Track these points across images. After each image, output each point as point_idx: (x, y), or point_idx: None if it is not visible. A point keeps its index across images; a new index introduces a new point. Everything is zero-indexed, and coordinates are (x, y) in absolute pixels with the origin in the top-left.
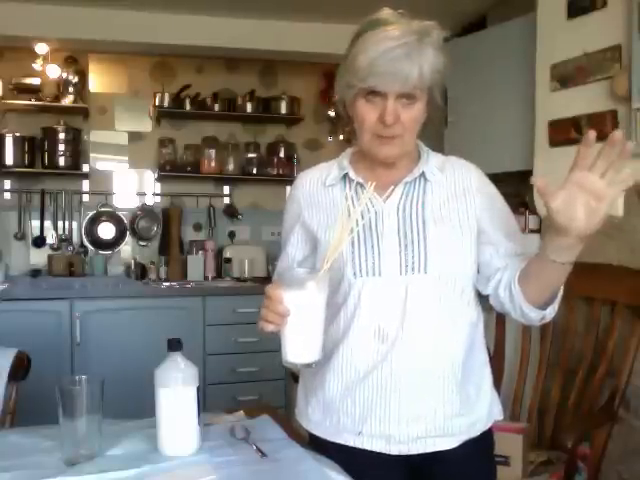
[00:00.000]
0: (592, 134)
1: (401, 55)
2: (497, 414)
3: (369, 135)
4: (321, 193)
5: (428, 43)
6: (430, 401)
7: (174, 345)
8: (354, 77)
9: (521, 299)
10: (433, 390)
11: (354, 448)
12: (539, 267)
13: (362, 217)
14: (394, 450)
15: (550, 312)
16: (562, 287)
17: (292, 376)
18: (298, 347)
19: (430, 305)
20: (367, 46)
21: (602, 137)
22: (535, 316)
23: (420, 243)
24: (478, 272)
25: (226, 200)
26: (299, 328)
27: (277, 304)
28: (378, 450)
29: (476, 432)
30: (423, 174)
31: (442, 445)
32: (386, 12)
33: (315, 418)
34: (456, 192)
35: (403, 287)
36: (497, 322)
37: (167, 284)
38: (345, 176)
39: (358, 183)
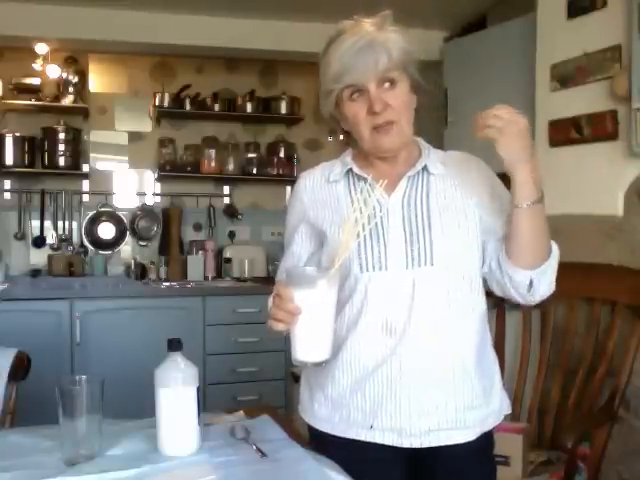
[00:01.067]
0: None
1: (364, 45)
2: (506, 408)
3: (366, 131)
4: (325, 190)
5: (387, 29)
6: (441, 394)
7: (174, 345)
8: (330, 84)
9: (506, 262)
10: (444, 383)
11: (364, 442)
12: (512, 221)
13: (375, 215)
14: (406, 443)
15: (538, 277)
16: (554, 256)
17: (292, 376)
18: (308, 346)
19: (438, 297)
20: (332, 53)
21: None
22: (521, 279)
23: (425, 236)
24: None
25: (226, 200)
26: (310, 327)
27: (287, 302)
28: (390, 443)
29: (489, 426)
30: (426, 167)
31: (457, 438)
32: (344, 23)
33: (321, 414)
34: (459, 184)
35: (410, 280)
36: (497, 322)
37: (167, 284)
38: (349, 172)
39: (363, 179)
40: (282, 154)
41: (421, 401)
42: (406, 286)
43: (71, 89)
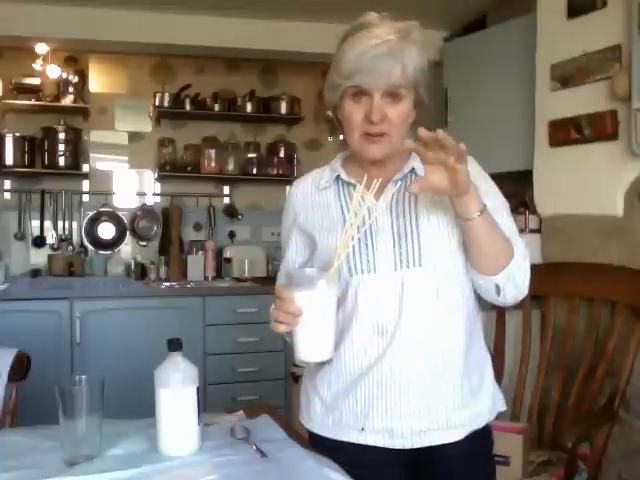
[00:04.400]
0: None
1: (383, 52)
2: (500, 405)
3: (357, 134)
4: (315, 196)
5: (410, 41)
6: (431, 394)
7: (174, 345)
8: (339, 77)
9: (470, 271)
10: (433, 383)
11: (357, 445)
12: (468, 234)
13: (364, 221)
14: (398, 445)
15: (504, 281)
16: (518, 257)
17: (292, 376)
18: (311, 346)
19: (427, 298)
20: (350, 47)
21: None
22: (485, 285)
23: (414, 237)
24: None
25: (226, 200)
26: (311, 327)
27: (288, 304)
28: (381, 445)
29: (480, 424)
30: (413, 170)
31: (447, 438)
32: (370, 16)
33: (317, 417)
34: None
35: (399, 282)
36: (497, 322)
37: (167, 284)
38: (338, 178)
39: (352, 185)
40: (282, 154)
41: (411, 401)
42: (395, 287)
43: (71, 89)
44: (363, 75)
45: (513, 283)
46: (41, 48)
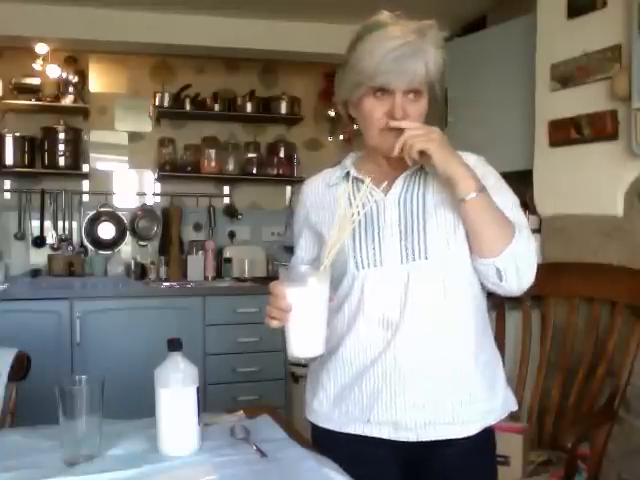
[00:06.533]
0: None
1: (407, 53)
2: (512, 405)
3: (376, 129)
4: (325, 194)
5: (428, 41)
6: (437, 387)
7: (174, 345)
8: (362, 77)
9: (472, 256)
10: (440, 376)
11: (363, 437)
12: (466, 215)
13: (363, 207)
14: (402, 437)
15: (504, 263)
16: (520, 240)
17: (292, 376)
18: (302, 341)
19: (433, 290)
20: (371, 47)
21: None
22: (485, 270)
23: (420, 231)
24: None
25: (226, 200)
26: (302, 323)
27: (280, 300)
28: (386, 437)
29: (492, 421)
30: (422, 167)
31: (454, 433)
32: (384, 15)
33: (323, 411)
34: None
35: (405, 274)
36: (497, 322)
37: (167, 284)
38: (347, 175)
39: (357, 179)
40: (282, 154)
41: (416, 394)
42: (401, 280)
43: (71, 89)
44: (387, 76)
45: (514, 267)
46: (41, 48)
